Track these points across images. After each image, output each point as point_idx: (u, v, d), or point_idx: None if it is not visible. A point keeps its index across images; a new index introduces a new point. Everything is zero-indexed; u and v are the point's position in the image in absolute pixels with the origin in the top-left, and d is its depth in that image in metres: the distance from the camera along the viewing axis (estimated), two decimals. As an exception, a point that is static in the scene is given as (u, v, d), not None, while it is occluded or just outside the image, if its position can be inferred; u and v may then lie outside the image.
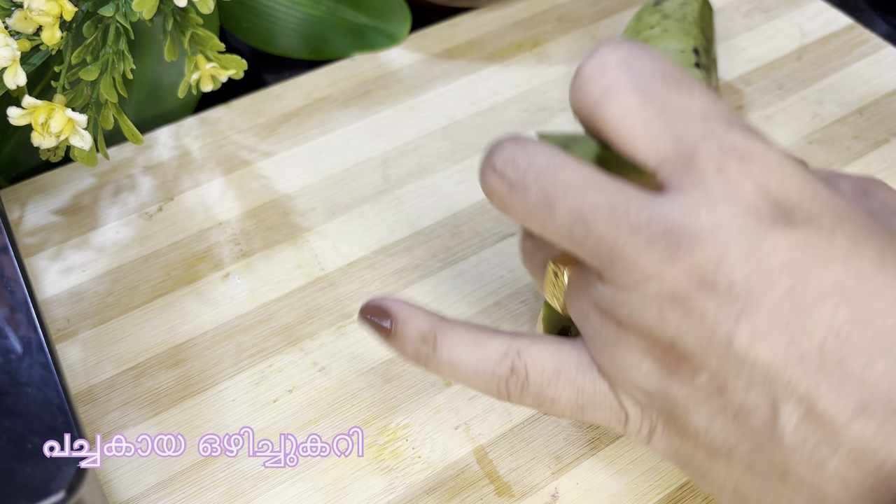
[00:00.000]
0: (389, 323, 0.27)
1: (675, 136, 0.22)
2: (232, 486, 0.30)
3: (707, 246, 0.21)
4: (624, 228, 0.22)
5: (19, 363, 0.25)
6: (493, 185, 0.24)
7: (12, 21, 0.31)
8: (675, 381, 0.23)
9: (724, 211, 0.21)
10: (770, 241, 0.21)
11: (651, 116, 0.23)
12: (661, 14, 0.42)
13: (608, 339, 0.24)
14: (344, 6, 0.46)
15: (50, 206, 0.39)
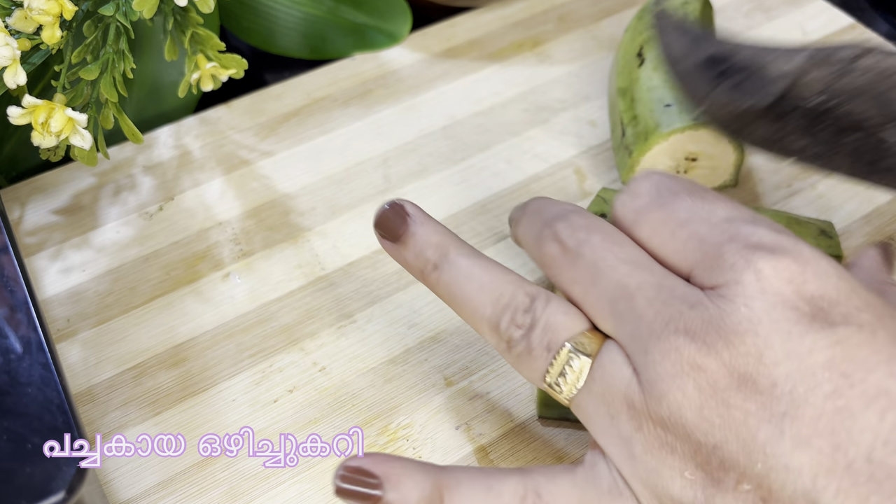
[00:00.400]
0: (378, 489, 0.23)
1: (700, 240, 0.23)
2: (232, 486, 0.30)
3: (747, 340, 0.21)
4: (667, 310, 0.22)
5: (19, 363, 0.25)
6: (549, 249, 0.25)
7: (12, 20, 0.31)
8: (718, 490, 0.21)
9: (760, 306, 0.21)
10: (810, 339, 0.21)
11: (676, 227, 0.23)
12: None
13: (646, 443, 0.22)
14: (344, 6, 0.46)
15: (50, 206, 0.39)
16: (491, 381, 0.33)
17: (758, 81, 0.30)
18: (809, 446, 0.20)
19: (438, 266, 0.26)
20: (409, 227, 0.26)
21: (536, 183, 0.40)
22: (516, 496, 0.23)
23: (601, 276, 0.24)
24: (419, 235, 0.26)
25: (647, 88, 0.38)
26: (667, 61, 0.33)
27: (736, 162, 0.37)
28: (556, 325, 0.24)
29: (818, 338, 0.21)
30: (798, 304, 0.21)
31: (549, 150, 0.41)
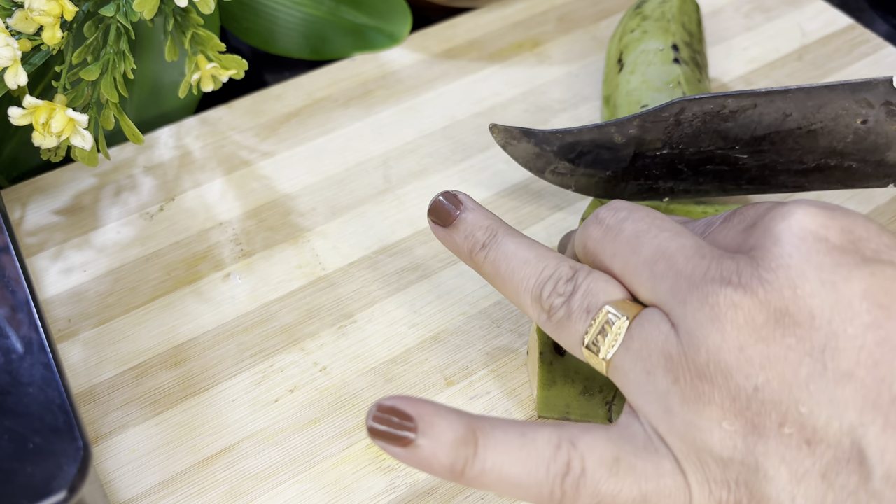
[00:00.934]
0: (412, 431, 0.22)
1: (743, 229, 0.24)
2: (233, 485, 0.30)
3: (780, 275, 0.21)
4: (704, 262, 0.23)
5: (21, 363, 0.25)
6: (592, 231, 0.26)
7: (13, 21, 0.31)
8: (760, 438, 0.21)
9: (790, 241, 0.22)
10: (844, 270, 0.21)
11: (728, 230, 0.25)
12: (640, 16, 0.42)
13: (683, 395, 0.22)
14: (345, 6, 0.46)
15: (51, 206, 0.39)
16: (491, 381, 0.33)
17: (611, 150, 0.34)
18: (853, 379, 0.20)
19: (487, 245, 0.27)
20: (462, 213, 0.29)
21: (536, 183, 0.40)
22: (550, 444, 0.23)
23: (641, 245, 0.24)
24: (469, 220, 0.28)
25: (625, 93, 0.39)
26: (523, 165, 0.36)
27: None
28: (596, 290, 0.25)
29: (852, 268, 0.21)
30: (829, 236, 0.21)
31: (549, 151, 0.41)
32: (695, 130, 0.32)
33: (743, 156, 0.33)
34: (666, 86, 0.37)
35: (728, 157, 0.33)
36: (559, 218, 0.39)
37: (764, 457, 0.21)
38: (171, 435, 0.32)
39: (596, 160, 0.34)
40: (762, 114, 0.31)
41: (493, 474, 0.22)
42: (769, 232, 0.22)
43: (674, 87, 0.37)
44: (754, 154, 0.32)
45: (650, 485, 0.22)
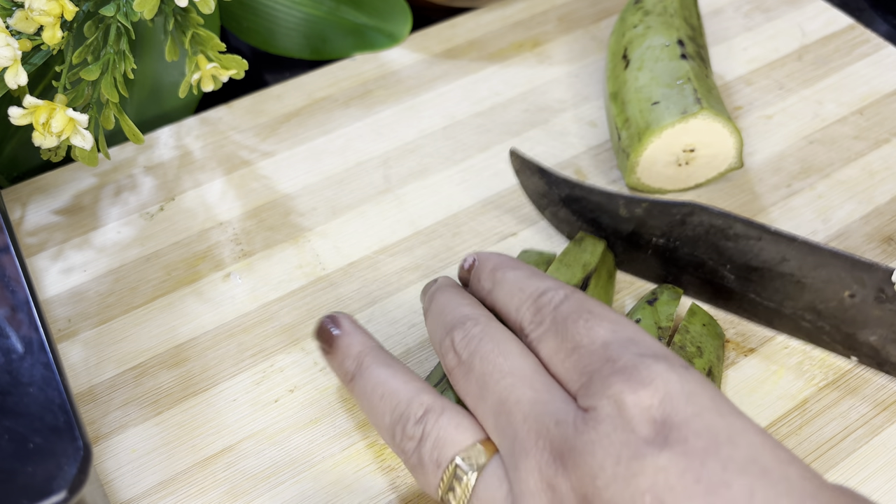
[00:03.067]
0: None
1: (580, 371, 0.24)
2: (233, 485, 0.30)
3: (586, 462, 0.22)
4: (536, 426, 0.23)
5: (21, 363, 0.25)
6: (448, 360, 0.27)
7: (13, 21, 0.31)
8: None
9: (605, 428, 0.22)
10: (637, 464, 0.21)
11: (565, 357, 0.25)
12: (642, 11, 0.42)
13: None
14: (345, 6, 0.46)
15: (51, 206, 0.39)
16: (491, 380, 0.33)
17: (612, 219, 0.35)
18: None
19: (355, 375, 0.28)
20: (336, 338, 0.29)
21: (536, 183, 0.40)
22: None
23: (487, 390, 0.25)
24: (342, 346, 0.29)
25: (634, 89, 0.39)
26: (528, 196, 0.37)
27: (736, 144, 0.37)
28: (445, 439, 0.25)
29: (645, 462, 0.21)
30: (639, 427, 0.22)
31: (549, 150, 0.41)
32: (696, 235, 0.33)
33: (730, 276, 0.34)
34: (675, 82, 0.37)
35: (717, 272, 0.34)
36: (559, 218, 0.39)
37: None
38: (172, 435, 0.32)
39: (596, 222, 0.35)
40: (763, 249, 0.32)
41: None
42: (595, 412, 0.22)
43: (683, 82, 0.37)
44: (741, 280, 0.33)
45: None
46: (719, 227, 0.32)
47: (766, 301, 0.33)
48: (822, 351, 0.34)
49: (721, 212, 0.32)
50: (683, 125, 0.36)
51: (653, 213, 0.33)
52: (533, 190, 0.37)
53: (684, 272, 0.35)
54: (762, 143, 0.42)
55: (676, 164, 0.38)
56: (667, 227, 0.34)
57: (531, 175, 0.36)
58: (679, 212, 0.33)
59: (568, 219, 0.36)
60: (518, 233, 0.38)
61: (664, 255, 0.34)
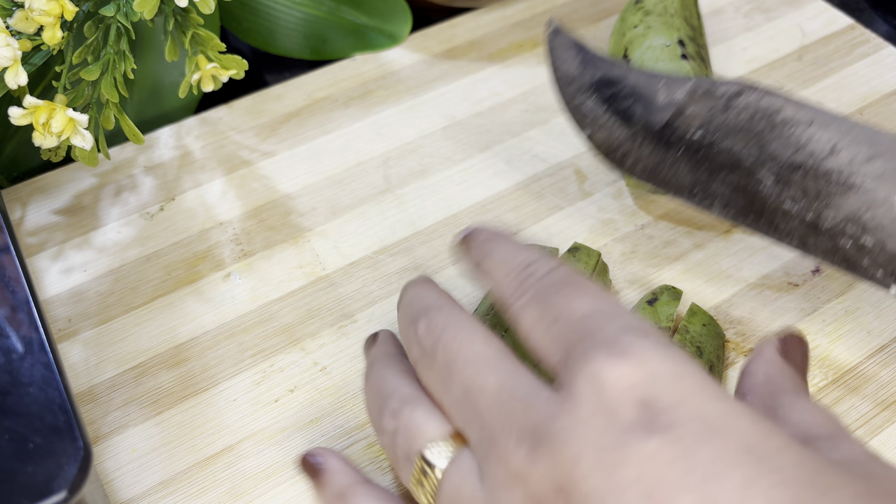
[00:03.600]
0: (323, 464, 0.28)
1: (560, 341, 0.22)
2: (233, 485, 0.30)
3: (563, 449, 0.20)
4: (504, 412, 0.22)
5: (21, 363, 0.25)
6: (413, 352, 0.26)
7: (13, 21, 0.31)
8: None
9: (584, 411, 0.20)
10: (622, 452, 0.19)
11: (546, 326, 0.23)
12: (643, 11, 0.42)
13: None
14: (345, 6, 0.46)
15: (51, 206, 0.39)
16: (491, 380, 0.33)
17: (646, 108, 0.31)
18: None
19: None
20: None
21: (536, 183, 0.40)
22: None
23: (451, 379, 0.24)
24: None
25: None
26: (556, 80, 0.33)
27: None
28: (415, 430, 0.24)
29: (630, 450, 0.19)
30: (623, 409, 0.20)
31: (549, 151, 0.41)
32: (738, 124, 0.29)
33: (768, 179, 0.30)
34: None
35: (752, 175, 0.30)
36: (559, 218, 0.39)
37: None
38: (172, 435, 0.32)
39: (626, 112, 0.31)
40: (811, 137, 0.28)
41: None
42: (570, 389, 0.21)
43: None
44: (779, 183, 0.29)
45: None
46: (767, 109, 0.29)
47: (803, 212, 0.29)
48: (822, 351, 0.34)
49: (772, 91, 0.29)
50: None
51: (695, 96, 0.30)
52: (563, 73, 0.33)
53: (715, 178, 0.31)
54: (762, 143, 0.42)
55: (676, 164, 0.38)
56: (707, 116, 0.30)
57: (566, 51, 0.32)
58: (725, 92, 0.29)
59: (594, 111, 0.32)
60: (518, 233, 0.38)
61: (696, 154, 0.31)
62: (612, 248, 0.37)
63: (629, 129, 0.32)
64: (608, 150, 0.33)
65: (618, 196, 0.39)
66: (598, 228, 0.38)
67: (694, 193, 0.32)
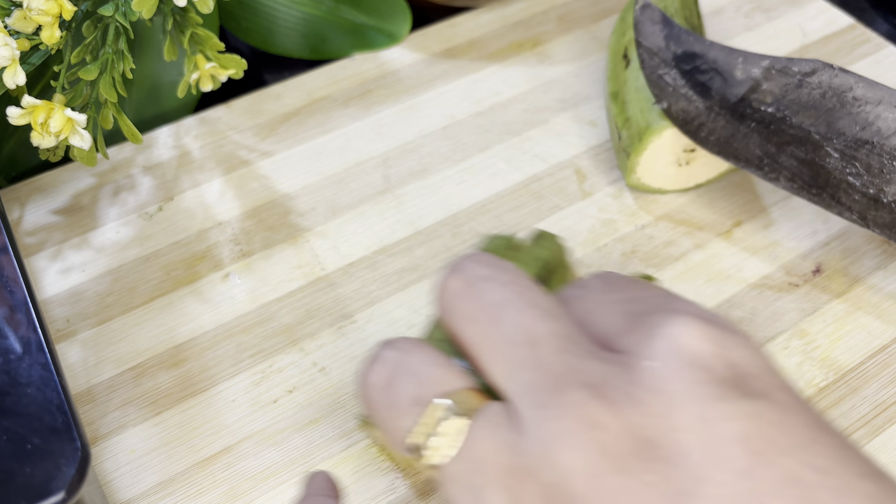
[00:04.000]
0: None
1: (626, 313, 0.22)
2: (232, 486, 0.30)
3: (655, 399, 0.19)
4: (574, 361, 0.20)
5: (19, 363, 0.25)
6: (451, 283, 0.22)
7: (12, 20, 0.31)
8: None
9: (674, 363, 0.19)
10: (723, 406, 0.19)
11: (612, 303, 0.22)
12: None
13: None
14: (344, 5, 0.46)
15: (49, 206, 0.39)
16: (491, 381, 0.33)
17: (724, 82, 0.32)
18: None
19: None
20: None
21: (536, 183, 0.40)
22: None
23: (505, 317, 0.21)
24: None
25: (634, 89, 0.38)
26: (641, 52, 0.35)
27: None
28: (430, 376, 0.21)
29: (733, 406, 0.19)
30: (714, 365, 0.19)
31: (549, 150, 0.41)
32: (810, 101, 0.31)
33: (834, 154, 0.31)
34: None
35: (820, 148, 0.31)
36: (559, 218, 0.39)
37: None
38: (170, 435, 0.32)
39: (705, 85, 0.33)
40: (879, 116, 0.30)
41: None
42: (652, 341, 0.20)
43: None
44: (845, 158, 0.31)
45: None
46: (839, 88, 0.31)
47: (866, 186, 0.31)
48: (823, 351, 0.34)
49: (844, 70, 0.31)
50: (684, 125, 0.36)
51: (771, 72, 0.32)
52: (647, 46, 0.34)
53: (784, 151, 0.32)
54: (762, 142, 0.42)
55: (677, 164, 0.38)
56: (780, 92, 0.32)
57: (651, 25, 0.34)
58: (800, 69, 0.31)
59: (675, 83, 0.33)
60: (518, 233, 0.38)
61: (768, 128, 0.32)
62: (613, 248, 0.37)
63: (706, 102, 0.33)
64: (684, 121, 0.34)
65: (618, 196, 0.39)
66: (598, 228, 0.38)
67: (762, 166, 0.33)
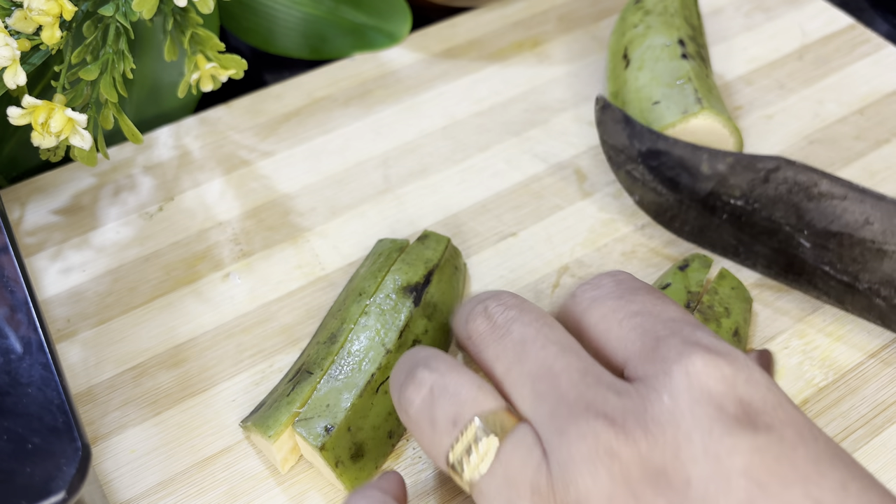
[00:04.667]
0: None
1: (643, 331, 0.23)
2: (232, 486, 0.30)
3: (667, 432, 0.20)
4: (590, 393, 0.21)
5: (20, 363, 0.25)
6: (477, 324, 0.25)
7: (12, 21, 0.31)
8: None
9: (686, 399, 0.21)
10: (730, 441, 0.20)
11: (625, 317, 0.23)
12: (643, 11, 0.42)
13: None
14: (344, 6, 0.46)
15: (50, 206, 0.39)
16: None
17: (692, 177, 0.33)
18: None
19: None
20: None
21: (536, 183, 0.40)
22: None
23: (527, 354, 0.23)
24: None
25: (634, 89, 0.38)
26: (606, 149, 0.36)
27: (736, 144, 0.37)
28: (466, 395, 0.23)
29: (739, 441, 0.20)
30: (724, 403, 0.21)
31: (549, 150, 0.41)
32: (778, 195, 0.32)
33: (806, 244, 0.32)
34: (676, 82, 0.37)
35: (792, 239, 0.32)
36: (559, 218, 0.39)
37: None
38: (171, 435, 0.32)
39: (673, 180, 0.34)
40: (846, 210, 0.31)
41: None
42: (668, 378, 0.21)
43: (684, 82, 0.37)
44: (817, 248, 0.32)
45: None
46: (804, 184, 0.31)
47: (840, 274, 0.32)
48: (823, 351, 0.34)
49: (808, 167, 0.31)
50: (684, 125, 0.36)
51: (736, 168, 0.32)
52: (612, 144, 0.35)
53: (757, 241, 0.33)
54: (762, 142, 0.42)
55: (676, 164, 0.38)
56: (748, 186, 0.32)
57: (614, 124, 0.34)
58: (764, 167, 0.31)
59: (643, 178, 0.34)
60: (518, 233, 0.38)
61: (739, 220, 0.33)
62: (612, 248, 0.37)
63: (676, 196, 0.34)
64: (657, 213, 0.36)
65: (618, 196, 0.39)
66: (597, 228, 0.38)
67: (738, 254, 0.35)
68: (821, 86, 0.44)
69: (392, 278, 0.32)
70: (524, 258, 0.37)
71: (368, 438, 0.29)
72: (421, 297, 0.31)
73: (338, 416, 0.28)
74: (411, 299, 0.31)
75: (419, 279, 0.32)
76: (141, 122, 0.42)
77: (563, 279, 0.36)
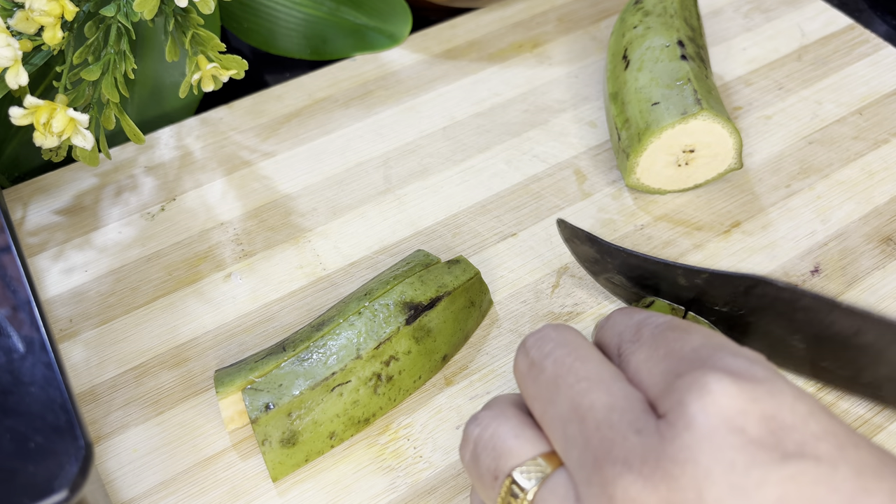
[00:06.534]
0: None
1: (666, 370, 0.22)
2: (233, 485, 0.30)
3: (686, 472, 0.19)
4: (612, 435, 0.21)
5: (22, 363, 0.25)
6: (519, 363, 0.25)
7: (14, 21, 0.31)
8: None
9: (702, 428, 0.19)
10: (758, 473, 0.18)
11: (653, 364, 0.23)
12: (642, 12, 0.42)
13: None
14: (345, 7, 0.46)
15: (52, 206, 0.39)
16: (491, 381, 0.33)
17: (671, 286, 0.32)
18: None
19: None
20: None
21: (536, 183, 0.40)
22: None
23: (558, 394, 0.23)
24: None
25: (634, 90, 0.39)
26: (582, 263, 0.35)
27: (735, 145, 0.37)
28: (504, 448, 0.23)
29: (768, 470, 0.18)
30: (746, 425, 0.19)
31: (549, 151, 0.42)
32: (762, 305, 0.30)
33: (801, 346, 0.31)
34: (675, 82, 0.37)
35: (785, 340, 0.31)
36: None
37: None
38: (173, 435, 0.32)
39: (654, 288, 0.33)
40: (835, 321, 0.29)
41: None
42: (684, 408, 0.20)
43: (683, 83, 0.37)
44: (813, 349, 0.31)
45: None
46: (786, 300, 0.30)
47: (840, 369, 0.31)
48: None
49: (787, 285, 0.29)
50: (683, 126, 0.36)
51: (714, 283, 0.31)
52: (584, 258, 0.35)
53: (751, 339, 0.32)
54: (761, 143, 0.42)
55: (676, 165, 0.38)
56: (730, 297, 0.31)
57: (581, 244, 0.34)
58: (742, 284, 0.30)
59: (624, 284, 0.34)
60: (518, 233, 0.38)
61: (729, 321, 0.32)
62: (612, 248, 0.37)
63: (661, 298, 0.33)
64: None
65: (618, 196, 0.39)
66: (598, 228, 0.38)
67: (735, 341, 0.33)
68: (820, 86, 0.44)
69: (400, 290, 0.32)
70: (524, 258, 0.37)
71: (306, 431, 0.30)
72: (416, 318, 0.31)
73: (282, 399, 0.29)
74: (406, 317, 0.31)
75: (425, 300, 0.32)
76: (143, 123, 0.43)
77: (563, 279, 0.36)
